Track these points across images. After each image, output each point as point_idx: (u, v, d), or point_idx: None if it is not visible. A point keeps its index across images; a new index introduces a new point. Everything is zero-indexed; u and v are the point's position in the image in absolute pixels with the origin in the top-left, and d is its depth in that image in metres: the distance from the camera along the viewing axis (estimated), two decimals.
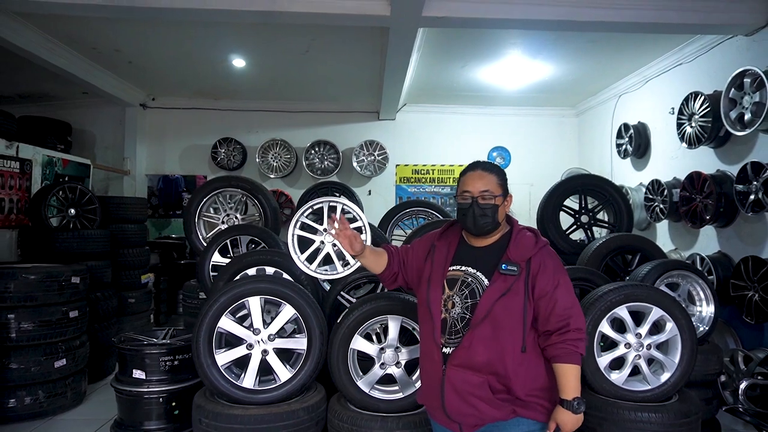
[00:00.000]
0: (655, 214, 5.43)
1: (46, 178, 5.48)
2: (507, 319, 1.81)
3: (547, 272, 1.85)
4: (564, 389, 1.82)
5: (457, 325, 1.86)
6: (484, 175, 1.92)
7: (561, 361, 1.82)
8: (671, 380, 2.80)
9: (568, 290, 1.88)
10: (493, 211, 1.89)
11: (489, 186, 1.90)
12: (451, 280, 1.91)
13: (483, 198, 1.89)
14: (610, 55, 5.65)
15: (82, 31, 5.07)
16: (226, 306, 2.74)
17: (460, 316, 1.85)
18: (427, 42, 5.22)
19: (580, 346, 1.83)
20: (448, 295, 1.89)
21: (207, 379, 2.67)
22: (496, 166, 2.00)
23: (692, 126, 4.86)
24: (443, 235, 2.05)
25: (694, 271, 3.56)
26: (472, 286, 1.86)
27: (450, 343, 1.86)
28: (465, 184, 1.93)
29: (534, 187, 7.65)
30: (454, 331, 1.86)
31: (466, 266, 1.91)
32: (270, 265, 3.45)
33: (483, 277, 1.87)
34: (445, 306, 1.89)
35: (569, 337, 1.81)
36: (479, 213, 1.89)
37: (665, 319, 2.84)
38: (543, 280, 1.84)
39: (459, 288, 1.87)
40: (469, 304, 1.85)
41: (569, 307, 1.84)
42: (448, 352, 1.86)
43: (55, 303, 4.08)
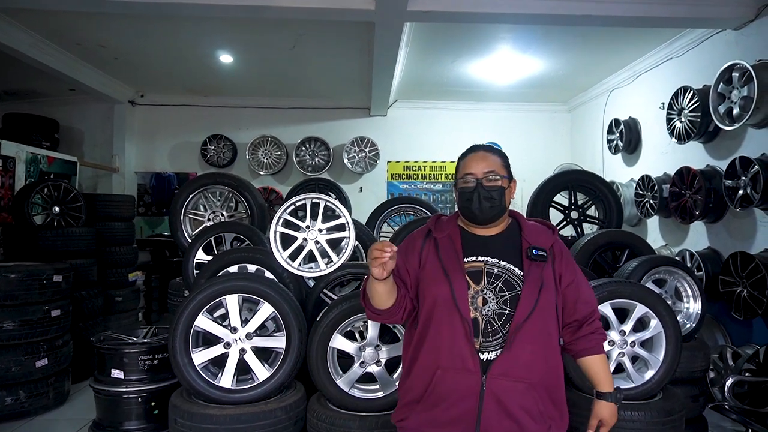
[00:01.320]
0: (646, 209, 5.40)
1: (31, 176, 5.41)
2: (548, 311, 1.64)
3: (569, 259, 1.75)
4: (603, 381, 1.72)
5: (494, 324, 1.61)
6: (487, 156, 1.73)
7: (596, 352, 1.73)
8: (655, 378, 2.78)
9: (585, 278, 1.80)
10: (500, 193, 1.69)
11: (493, 167, 1.71)
12: (474, 273, 1.65)
13: (488, 180, 1.68)
14: (600, 49, 5.60)
15: (65, 26, 5.00)
16: (203, 304, 2.69)
17: (497, 314, 1.61)
18: (416, 37, 5.17)
19: (605, 334, 1.79)
20: (476, 290, 1.63)
21: (183, 379, 2.63)
22: (498, 148, 1.83)
23: (682, 121, 4.82)
24: (437, 227, 1.77)
25: (681, 268, 3.53)
26: (505, 277, 1.64)
27: (488, 347, 1.60)
28: (466, 166, 1.73)
29: (526, 184, 7.51)
30: (491, 331, 1.61)
31: (484, 257, 1.68)
32: (252, 262, 3.41)
33: (511, 266, 1.66)
34: (473, 303, 1.62)
35: (598, 326, 1.75)
36: (485, 196, 1.67)
37: (649, 316, 2.81)
38: (568, 267, 1.72)
39: (489, 281, 1.64)
40: (507, 298, 1.62)
41: (593, 295, 1.79)
42: (489, 357, 1.59)
43: (37, 302, 4.02)
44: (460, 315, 1.60)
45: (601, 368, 1.74)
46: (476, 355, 1.59)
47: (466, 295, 1.62)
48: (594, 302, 1.78)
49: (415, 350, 1.70)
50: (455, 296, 1.61)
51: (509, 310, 1.61)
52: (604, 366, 1.75)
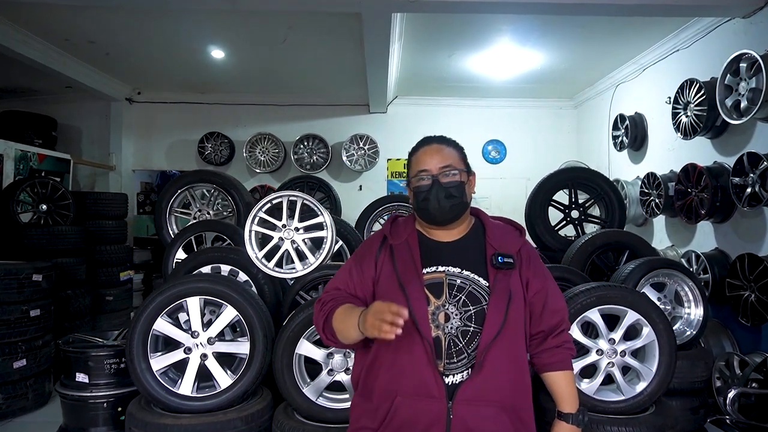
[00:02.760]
0: (651, 209, 5.16)
1: (20, 173, 5.35)
2: (518, 325, 1.48)
3: (538, 263, 1.59)
4: (566, 400, 1.55)
5: (458, 343, 1.43)
6: (442, 149, 1.55)
7: (560, 368, 1.56)
8: (647, 390, 2.57)
9: (556, 285, 1.63)
10: (459, 189, 1.52)
11: (449, 160, 1.53)
12: (434, 286, 1.46)
13: (445, 175, 1.51)
14: (603, 41, 5.36)
15: (52, 21, 4.90)
16: (163, 307, 2.55)
17: (461, 331, 1.43)
18: (409, 30, 4.99)
19: (573, 348, 1.62)
20: (437, 305, 1.45)
21: (140, 385, 2.50)
22: (452, 139, 1.63)
23: (688, 115, 4.57)
24: (393, 232, 1.58)
25: (682, 270, 3.31)
26: (468, 289, 1.46)
27: (453, 369, 1.43)
28: (419, 162, 1.55)
29: (531, 182, 7.28)
30: (455, 351, 1.43)
31: (446, 266, 1.49)
32: (225, 262, 3.27)
33: (475, 276, 1.48)
34: (434, 320, 1.44)
35: (566, 338, 1.58)
36: (444, 194, 1.50)
37: (641, 324, 2.61)
38: (536, 272, 1.56)
39: (451, 294, 1.45)
40: (471, 313, 1.44)
41: (562, 303, 1.61)
42: (455, 381, 1.42)
43: (15, 302, 3.93)
44: (420, 335, 1.41)
45: (565, 386, 1.57)
46: (440, 379, 1.41)
47: (426, 311, 1.43)
48: (563, 312, 1.60)
49: (369, 373, 1.50)
50: (414, 314, 1.41)
51: (475, 327, 1.44)
52: (568, 384, 1.57)
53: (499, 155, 7.82)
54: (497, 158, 7.81)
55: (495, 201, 7.59)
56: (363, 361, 1.54)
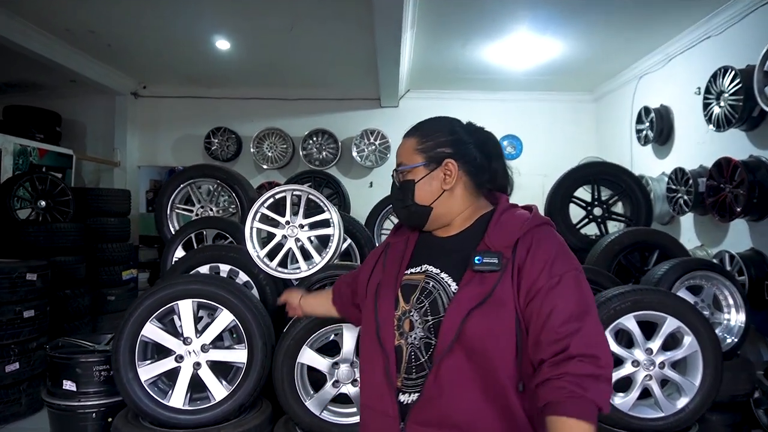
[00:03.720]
0: (679, 206, 4.86)
1: (19, 169, 5.17)
2: (492, 343, 1.14)
3: (538, 259, 1.15)
4: None
5: (420, 357, 1.20)
6: (403, 142, 1.36)
7: (556, 411, 1.05)
8: (690, 406, 2.30)
9: (578, 293, 1.13)
10: (407, 191, 1.28)
11: (403, 156, 1.33)
12: (410, 288, 1.26)
13: (399, 175, 1.34)
14: (627, 30, 5.06)
15: (51, 10, 4.72)
16: (152, 310, 2.33)
17: (424, 343, 1.20)
18: (421, 17, 4.73)
19: (592, 387, 1.04)
20: (404, 310, 1.24)
21: (127, 397, 2.28)
22: (427, 122, 1.37)
23: (721, 106, 4.27)
24: (398, 229, 1.43)
25: (721, 272, 3.04)
26: (434, 295, 1.21)
27: (410, 387, 1.22)
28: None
29: (548, 179, 7.02)
30: (415, 366, 1.21)
31: (429, 265, 1.27)
32: (225, 262, 3.05)
33: (449, 280, 1.22)
34: (399, 327, 1.24)
35: (570, 370, 1.05)
36: (396, 197, 1.34)
37: (683, 332, 2.34)
38: (532, 271, 1.15)
39: (417, 298, 1.23)
40: (430, 323, 1.19)
41: (573, 318, 1.10)
42: (408, 401, 1.20)
43: (7, 302, 3.72)
44: (379, 342, 1.24)
45: None
46: (394, 396, 1.21)
47: (392, 316, 1.25)
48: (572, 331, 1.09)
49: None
50: (378, 318, 1.26)
51: (435, 340, 1.19)
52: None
53: (515, 151, 7.53)
54: (513, 154, 7.53)
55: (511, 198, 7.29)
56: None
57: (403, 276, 1.29)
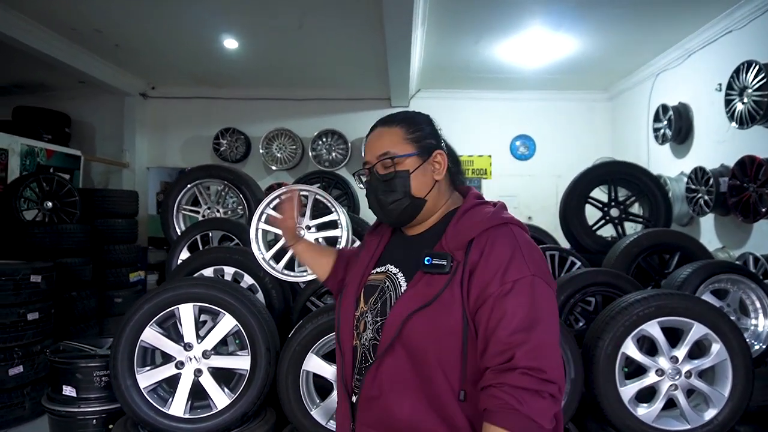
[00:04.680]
0: (699, 206, 4.70)
1: (26, 169, 5.14)
2: (435, 346, 1.10)
3: (492, 263, 1.08)
4: None
5: (369, 359, 1.20)
6: (384, 132, 1.25)
7: (490, 420, 1.02)
8: (719, 419, 2.17)
9: (530, 302, 1.06)
10: (401, 182, 1.20)
11: (388, 145, 1.22)
12: (369, 288, 1.26)
13: (383, 166, 1.22)
14: (644, 25, 4.92)
15: (55, 8, 4.67)
16: (152, 315, 2.24)
17: (372, 344, 1.20)
18: (432, 14, 4.63)
19: (530, 401, 1.00)
20: (362, 311, 1.25)
21: (125, 404, 2.19)
22: (409, 112, 1.30)
23: (744, 102, 4.12)
24: (377, 228, 1.39)
25: (749, 275, 2.88)
26: (386, 295, 1.20)
27: (359, 388, 1.22)
28: (364, 152, 1.29)
29: (562, 179, 6.90)
30: (365, 368, 1.20)
31: (391, 265, 1.26)
32: (229, 264, 2.96)
33: (402, 280, 1.20)
34: (357, 328, 1.25)
35: (510, 381, 1.01)
36: (382, 189, 1.23)
37: (710, 339, 2.20)
38: (484, 276, 1.08)
39: (374, 300, 1.23)
40: (379, 324, 1.19)
41: (522, 329, 1.04)
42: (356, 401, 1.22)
43: (10, 304, 3.67)
44: (338, 342, 1.28)
45: None
46: (347, 396, 1.24)
47: (352, 316, 1.27)
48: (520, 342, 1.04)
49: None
50: (339, 318, 1.29)
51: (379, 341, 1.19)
52: None
53: (528, 151, 7.39)
54: (526, 154, 7.39)
55: (523, 199, 7.19)
56: None
57: (368, 276, 1.28)
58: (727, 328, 2.20)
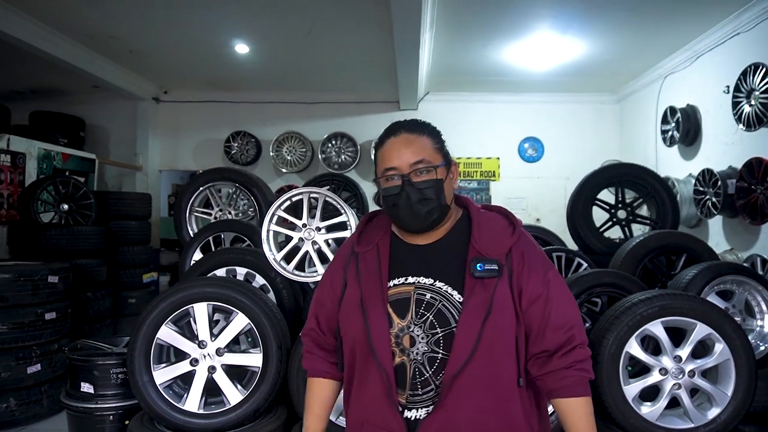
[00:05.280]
0: (707, 208, 4.71)
1: (43, 173, 5.25)
2: (500, 347, 1.20)
3: (536, 267, 1.25)
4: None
5: (425, 372, 1.20)
6: (412, 140, 1.26)
7: (570, 394, 1.21)
8: (722, 417, 2.20)
9: (565, 291, 1.27)
10: (436, 190, 1.25)
11: (422, 153, 1.25)
12: (400, 302, 1.23)
13: (418, 174, 1.24)
14: (652, 28, 4.94)
15: (71, 15, 4.78)
16: (168, 313, 2.32)
17: (428, 358, 1.20)
18: (440, 17, 4.68)
19: (590, 369, 1.25)
20: (401, 326, 1.22)
21: (142, 400, 2.26)
22: (426, 123, 1.34)
23: (751, 104, 4.14)
24: (362, 237, 1.36)
25: (754, 277, 2.91)
26: (438, 307, 1.21)
27: (417, 403, 1.20)
28: (385, 158, 1.28)
29: (570, 181, 6.93)
30: (420, 382, 1.20)
31: (416, 276, 1.25)
32: (241, 265, 3.03)
33: (450, 290, 1.22)
34: (399, 344, 1.21)
35: (577, 357, 1.21)
36: (417, 198, 1.24)
37: (713, 339, 2.24)
38: (533, 278, 1.24)
39: (416, 312, 1.21)
40: (439, 336, 1.20)
41: (570, 315, 1.24)
42: (416, 416, 1.20)
43: (29, 304, 3.77)
44: (378, 363, 1.20)
45: (578, 418, 1.21)
46: (398, 414, 1.19)
47: (387, 335, 1.22)
48: (574, 325, 1.24)
49: (347, 391, 1.33)
50: (371, 338, 1.21)
51: (443, 353, 1.19)
52: (583, 416, 1.21)
53: (537, 153, 7.41)
54: (534, 157, 7.42)
55: (531, 201, 7.21)
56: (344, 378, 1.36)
57: (387, 290, 1.25)
58: (731, 328, 2.23)
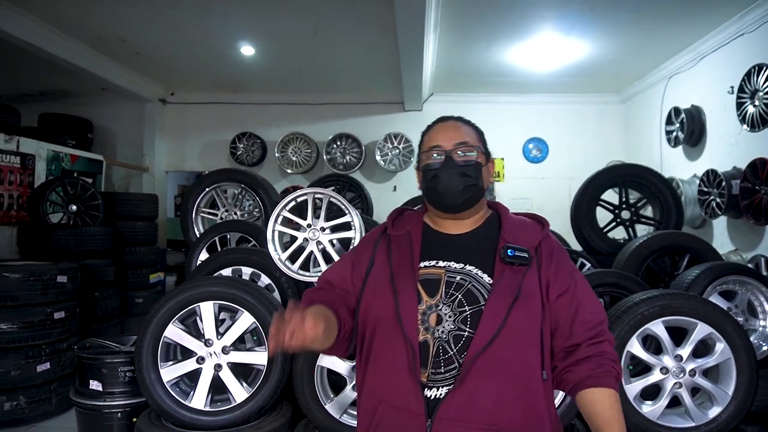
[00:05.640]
0: (711, 209, 4.71)
1: (52, 174, 5.32)
2: (526, 333, 1.22)
3: (564, 263, 1.31)
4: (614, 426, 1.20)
5: (449, 350, 1.20)
6: (459, 126, 1.37)
7: (602, 383, 1.22)
8: (723, 416, 2.22)
9: (590, 289, 1.34)
10: (476, 170, 1.31)
11: (466, 137, 1.34)
12: (430, 282, 1.25)
13: (459, 154, 1.32)
14: (656, 29, 4.95)
15: (82, 19, 4.85)
16: (175, 312, 2.35)
17: (453, 336, 1.20)
18: (444, 19, 4.71)
19: (618, 366, 1.27)
20: (429, 304, 1.23)
21: (150, 397, 2.30)
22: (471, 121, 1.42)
23: (755, 105, 4.14)
24: (396, 223, 1.40)
25: (756, 277, 2.92)
26: (467, 287, 1.23)
27: (439, 381, 1.20)
28: (432, 138, 1.36)
29: (574, 182, 6.84)
30: (444, 360, 1.20)
31: (447, 261, 1.28)
32: (247, 264, 3.07)
33: (479, 272, 1.25)
34: (424, 322, 1.22)
35: (606, 350, 1.25)
36: (456, 171, 1.30)
37: (714, 338, 2.25)
38: (561, 273, 1.29)
39: (446, 292, 1.23)
40: (467, 314, 1.21)
41: (598, 311, 1.30)
42: (438, 395, 1.19)
43: (39, 303, 3.83)
44: (404, 337, 1.20)
45: (609, 407, 1.22)
46: (419, 391, 1.18)
47: (415, 310, 1.23)
48: (601, 321, 1.29)
49: (360, 376, 1.32)
50: (399, 312, 1.22)
51: (469, 331, 1.20)
52: (613, 404, 1.22)
53: (541, 154, 7.42)
54: (539, 157, 7.43)
55: (536, 202, 7.22)
56: (359, 361, 1.34)
57: (418, 270, 1.28)
58: (731, 327, 2.24)
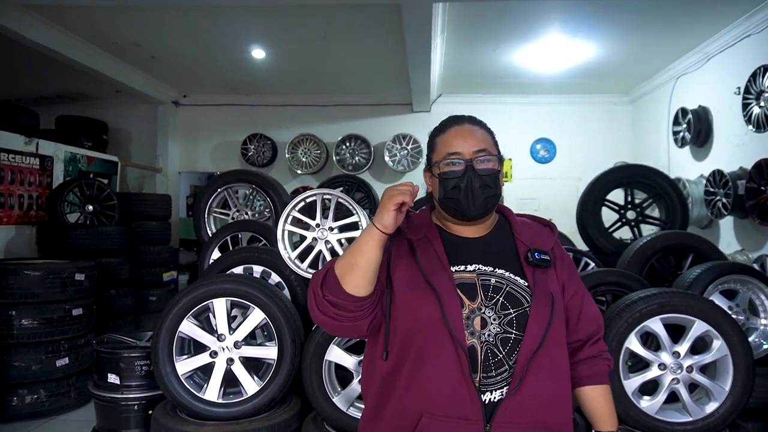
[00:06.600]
0: (717, 209, 4.73)
1: (69, 175, 5.46)
2: (562, 332, 1.31)
3: (572, 266, 1.42)
4: (605, 418, 1.36)
5: (498, 353, 1.21)
6: (475, 130, 1.34)
7: (598, 381, 1.37)
8: (720, 411, 2.27)
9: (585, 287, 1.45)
10: (495, 179, 1.32)
11: (484, 143, 1.32)
12: (466, 287, 1.25)
13: (480, 161, 1.30)
14: (663, 30, 4.98)
15: (98, 24, 5.00)
16: (189, 308, 2.46)
17: (500, 339, 1.21)
18: (451, 22, 4.79)
19: (611, 358, 1.42)
20: (471, 308, 1.22)
21: (166, 389, 2.41)
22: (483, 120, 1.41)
23: (761, 106, 4.17)
24: (410, 226, 1.34)
25: (757, 276, 2.95)
26: (507, 290, 1.25)
27: (491, 385, 1.20)
28: (448, 143, 1.32)
29: (582, 182, 6.87)
30: (494, 363, 1.20)
31: (475, 264, 1.28)
32: (258, 263, 3.16)
33: (512, 275, 1.27)
34: (468, 327, 1.21)
35: (602, 348, 1.40)
36: (479, 183, 1.29)
37: (711, 336, 2.31)
38: (572, 275, 1.39)
39: (486, 296, 1.24)
40: (512, 317, 1.22)
41: (596, 309, 1.43)
42: (493, 398, 1.20)
43: (58, 300, 3.97)
44: (455, 342, 1.18)
45: (604, 402, 1.37)
46: (476, 396, 1.17)
47: (460, 315, 1.21)
48: (600, 318, 1.43)
49: (386, 385, 1.26)
50: (447, 317, 1.19)
51: (516, 334, 1.21)
52: (606, 400, 1.38)
53: (549, 154, 7.47)
54: (546, 157, 7.47)
55: (544, 202, 7.26)
56: (373, 369, 1.30)
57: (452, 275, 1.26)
58: (728, 325, 2.30)
